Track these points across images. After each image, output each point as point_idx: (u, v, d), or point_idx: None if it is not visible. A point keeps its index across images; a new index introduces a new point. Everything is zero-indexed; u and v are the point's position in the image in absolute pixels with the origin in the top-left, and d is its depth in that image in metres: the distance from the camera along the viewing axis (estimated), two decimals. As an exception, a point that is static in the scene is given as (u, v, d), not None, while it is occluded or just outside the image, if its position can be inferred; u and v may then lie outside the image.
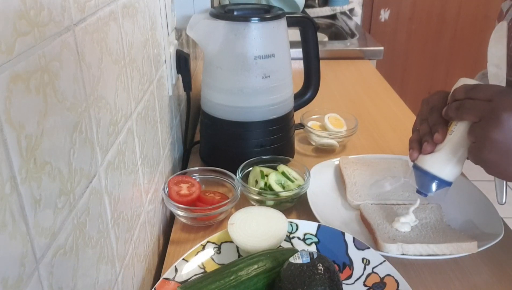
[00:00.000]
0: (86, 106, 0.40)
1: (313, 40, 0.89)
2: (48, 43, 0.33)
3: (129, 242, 0.54)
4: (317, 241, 0.64)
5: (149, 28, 0.64)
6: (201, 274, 0.59)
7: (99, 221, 0.44)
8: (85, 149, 0.40)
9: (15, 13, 0.28)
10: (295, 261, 0.52)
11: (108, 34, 0.46)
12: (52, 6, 0.33)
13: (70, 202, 0.37)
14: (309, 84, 0.94)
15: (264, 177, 0.76)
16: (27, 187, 0.30)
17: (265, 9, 0.82)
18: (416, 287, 0.59)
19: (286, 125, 0.86)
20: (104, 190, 0.45)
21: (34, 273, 0.31)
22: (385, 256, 0.60)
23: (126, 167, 0.53)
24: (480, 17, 2.57)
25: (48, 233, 0.33)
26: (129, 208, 0.54)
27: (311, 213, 0.71)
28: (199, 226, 0.72)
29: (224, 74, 0.79)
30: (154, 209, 0.68)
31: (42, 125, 0.32)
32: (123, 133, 0.51)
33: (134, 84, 0.56)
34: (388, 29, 2.59)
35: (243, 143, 0.83)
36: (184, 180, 0.76)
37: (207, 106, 0.84)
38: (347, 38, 1.75)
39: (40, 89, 0.31)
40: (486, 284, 0.61)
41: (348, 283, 0.58)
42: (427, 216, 0.70)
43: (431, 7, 2.56)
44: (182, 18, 0.81)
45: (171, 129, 0.81)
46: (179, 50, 0.82)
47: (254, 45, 0.76)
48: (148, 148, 0.64)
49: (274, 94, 0.81)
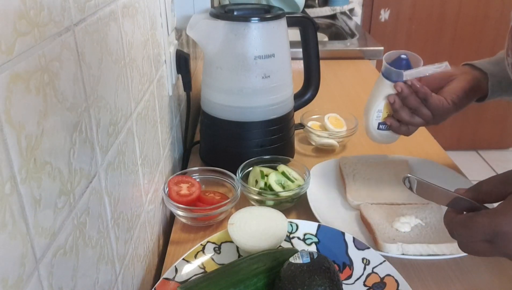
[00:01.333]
0: (86, 106, 0.40)
1: (313, 40, 0.89)
2: (48, 43, 0.33)
3: (129, 242, 0.54)
4: (317, 241, 0.64)
5: (149, 28, 0.64)
6: (201, 274, 0.58)
7: (99, 221, 0.44)
8: (85, 149, 0.40)
9: (15, 13, 0.28)
10: (295, 261, 0.52)
11: (108, 34, 0.46)
12: (52, 6, 0.33)
13: (70, 202, 0.37)
14: (309, 84, 0.94)
15: (264, 177, 0.76)
16: (27, 187, 0.30)
17: (265, 9, 0.82)
18: (416, 287, 0.59)
19: (286, 125, 0.86)
20: (104, 190, 0.45)
21: (34, 273, 0.31)
22: (385, 256, 0.60)
23: (126, 167, 0.53)
24: (480, 17, 2.57)
25: (48, 233, 0.33)
26: (129, 208, 0.54)
27: (311, 213, 0.71)
28: (199, 226, 0.72)
29: (224, 74, 0.79)
30: (154, 209, 0.68)
31: (42, 125, 0.32)
32: (123, 133, 0.51)
33: (134, 84, 0.56)
34: (388, 29, 2.59)
35: (243, 143, 0.83)
36: (184, 180, 0.76)
37: (207, 106, 0.84)
38: (347, 38, 1.75)
39: (40, 89, 0.31)
40: (486, 284, 0.61)
41: (348, 283, 0.58)
42: (427, 216, 0.70)
43: (431, 7, 2.55)
44: (182, 18, 0.81)
45: (171, 129, 0.81)
46: (179, 50, 0.82)
47: (254, 45, 0.76)
48: (148, 148, 0.64)
49: (274, 94, 0.81)
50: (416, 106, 0.74)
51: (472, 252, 0.47)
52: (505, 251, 0.43)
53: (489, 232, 0.43)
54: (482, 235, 0.44)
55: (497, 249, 0.44)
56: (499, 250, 0.44)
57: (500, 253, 0.44)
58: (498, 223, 0.42)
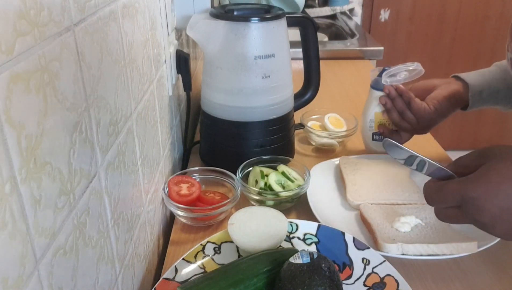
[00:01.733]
0: (86, 106, 0.40)
1: (313, 40, 0.89)
2: (48, 43, 0.33)
3: (129, 242, 0.54)
4: (317, 241, 0.64)
5: (149, 28, 0.64)
6: (201, 274, 0.58)
7: (99, 221, 0.44)
8: (85, 149, 0.40)
9: (15, 13, 0.28)
10: (295, 261, 0.52)
11: (108, 34, 0.46)
12: (52, 6, 0.33)
13: (70, 202, 0.37)
14: (309, 84, 0.94)
15: (264, 177, 0.76)
16: (27, 187, 0.30)
17: (265, 9, 0.82)
18: (416, 287, 0.59)
19: (286, 125, 0.86)
20: (104, 190, 0.45)
21: (34, 273, 0.31)
22: (385, 256, 0.60)
23: (126, 167, 0.53)
24: (480, 17, 2.56)
25: (48, 233, 0.33)
26: (129, 208, 0.54)
27: (311, 213, 0.71)
28: (199, 226, 0.72)
29: (224, 74, 0.79)
30: (154, 209, 0.68)
31: (42, 125, 0.32)
32: (123, 133, 0.51)
33: (134, 84, 0.56)
34: (388, 29, 2.59)
35: (243, 143, 0.83)
36: (184, 180, 0.76)
37: (207, 106, 0.84)
38: (347, 38, 1.75)
39: (40, 89, 0.31)
40: (486, 284, 0.61)
41: (348, 283, 0.58)
42: (427, 216, 0.70)
43: (431, 7, 2.55)
44: (182, 18, 0.81)
45: (171, 129, 0.81)
46: (179, 50, 0.82)
47: (254, 45, 0.76)
48: (148, 148, 0.64)
49: (274, 94, 0.81)
50: (403, 109, 0.82)
51: (445, 218, 0.50)
52: (473, 217, 0.46)
53: (458, 198, 0.46)
54: (452, 200, 0.47)
55: (466, 215, 0.47)
56: (468, 216, 0.46)
57: (469, 219, 0.47)
58: (466, 189, 0.45)
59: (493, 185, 0.44)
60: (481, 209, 0.45)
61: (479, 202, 0.45)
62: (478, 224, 0.47)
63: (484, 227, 0.47)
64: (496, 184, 0.44)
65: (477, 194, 0.45)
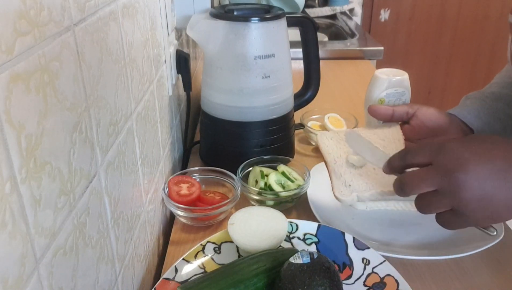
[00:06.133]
0: (86, 106, 0.40)
1: (313, 40, 0.89)
2: (48, 43, 0.33)
3: (129, 242, 0.54)
4: (317, 241, 0.64)
5: (149, 28, 0.64)
6: (201, 274, 0.59)
7: (99, 221, 0.44)
8: (85, 149, 0.40)
9: (15, 13, 0.28)
10: (295, 261, 0.52)
11: (108, 34, 0.46)
12: (52, 6, 0.33)
13: (70, 202, 0.37)
14: (309, 84, 0.94)
15: (264, 177, 0.76)
16: (27, 187, 0.30)
17: (265, 9, 0.82)
18: (416, 287, 0.59)
19: (286, 125, 0.86)
20: (104, 190, 0.45)
21: (34, 273, 0.31)
22: (385, 256, 0.60)
23: (126, 167, 0.53)
24: (480, 17, 2.57)
25: (48, 233, 0.33)
26: (129, 208, 0.54)
27: (311, 213, 0.71)
28: (199, 226, 0.72)
29: (224, 74, 0.79)
30: (154, 209, 0.68)
31: (42, 125, 0.32)
32: (123, 133, 0.51)
33: (134, 84, 0.56)
34: (388, 29, 2.59)
35: (243, 143, 0.83)
36: (184, 180, 0.76)
37: (207, 106, 0.84)
38: (347, 38, 1.75)
39: (40, 89, 0.31)
40: (486, 284, 0.61)
41: (348, 283, 0.58)
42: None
43: (431, 7, 2.56)
44: (182, 18, 0.81)
45: (171, 129, 0.81)
46: (179, 50, 0.82)
47: (254, 45, 0.76)
48: (148, 148, 0.64)
49: (274, 94, 0.81)
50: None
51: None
52: (447, 167, 0.47)
53: (435, 149, 0.48)
54: (429, 151, 0.49)
55: (448, 194, 0.48)
56: (451, 195, 0.48)
57: (451, 199, 0.48)
58: (442, 142, 0.48)
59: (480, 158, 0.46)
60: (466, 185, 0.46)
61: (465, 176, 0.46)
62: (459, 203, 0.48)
63: (463, 206, 0.48)
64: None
65: (454, 145, 0.47)
